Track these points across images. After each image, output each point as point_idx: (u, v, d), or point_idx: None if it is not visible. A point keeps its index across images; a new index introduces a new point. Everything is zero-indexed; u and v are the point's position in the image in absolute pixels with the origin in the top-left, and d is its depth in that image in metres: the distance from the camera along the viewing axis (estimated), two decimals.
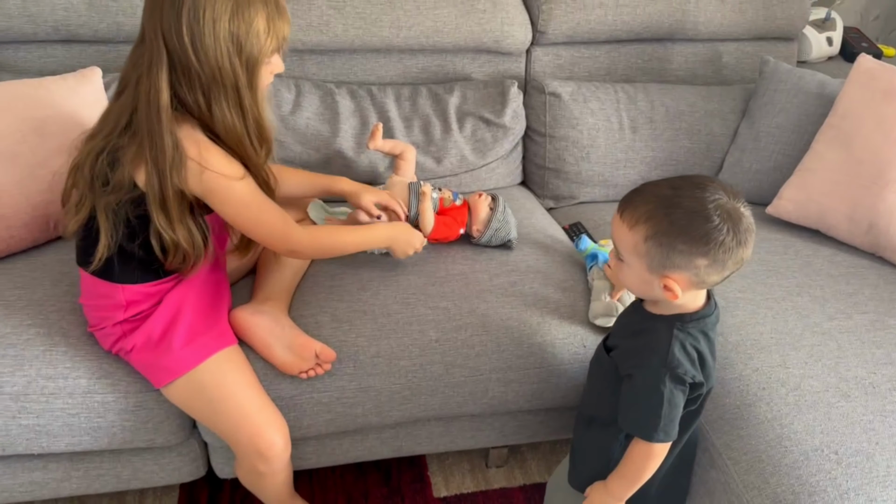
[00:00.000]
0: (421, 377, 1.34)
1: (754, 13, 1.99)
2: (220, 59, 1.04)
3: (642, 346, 1.07)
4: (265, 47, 1.08)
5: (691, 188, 1.01)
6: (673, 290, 1.03)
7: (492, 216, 1.50)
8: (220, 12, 1.03)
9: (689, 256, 1.00)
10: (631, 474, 1.09)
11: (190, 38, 1.02)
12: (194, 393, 1.20)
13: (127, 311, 1.19)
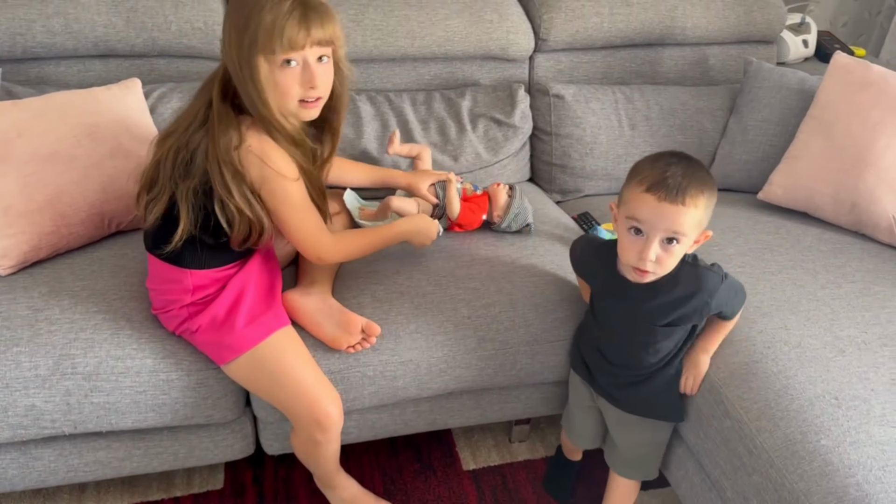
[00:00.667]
0: (456, 351, 1.46)
1: (736, 18, 2.16)
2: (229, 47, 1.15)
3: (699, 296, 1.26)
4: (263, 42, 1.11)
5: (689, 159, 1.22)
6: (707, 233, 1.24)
7: (510, 202, 1.64)
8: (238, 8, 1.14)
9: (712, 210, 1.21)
10: (726, 332, 1.39)
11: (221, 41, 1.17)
12: (256, 368, 1.31)
13: (194, 295, 1.30)
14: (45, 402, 1.29)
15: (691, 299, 1.28)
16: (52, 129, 1.48)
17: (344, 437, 1.54)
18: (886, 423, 1.24)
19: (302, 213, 1.27)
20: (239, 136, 1.18)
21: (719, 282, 1.28)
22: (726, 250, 1.67)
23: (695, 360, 1.37)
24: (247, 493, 1.63)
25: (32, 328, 1.31)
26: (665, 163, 1.19)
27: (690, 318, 1.30)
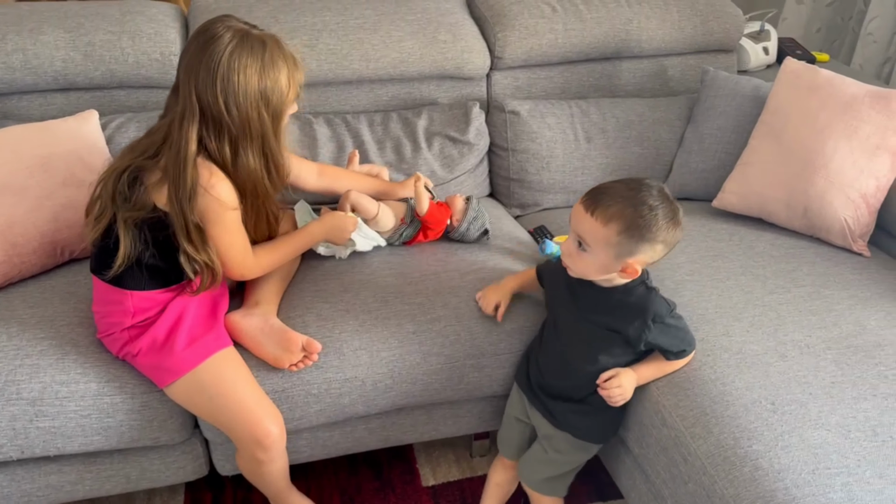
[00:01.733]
0: (401, 366, 1.47)
1: (692, 29, 2.18)
2: (250, 113, 1.23)
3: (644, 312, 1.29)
4: (288, 98, 1.29)
5: (644, 188, 1.26)
6: (633, 271, 1.26)
7: (468, 207, 1.68)
8: (250, 74, 1.22)
9: (652, 243, 1.24)
10: (666, 371, 1.38)
11: (224, 98, 1.21)
12: (195, 391, 1.33)
13: (135, 318, 1.33)
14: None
15: (635, 317, 1.30)
16: (4, 163, 1.52)
17: (296, 457, 1.56)
18: (821, 426, 1.23)
19: (232, 237, 1.32)
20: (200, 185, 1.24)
21: (665, 314, 1.30)
22: (676, 259, 1.67)
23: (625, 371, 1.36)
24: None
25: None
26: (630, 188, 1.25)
27: (628, 335, 1.31)
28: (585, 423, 1.41)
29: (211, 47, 1.20)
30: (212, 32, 1.21)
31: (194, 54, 1.21)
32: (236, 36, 1.22)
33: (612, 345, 1.34)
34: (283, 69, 1.26)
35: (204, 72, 1.20)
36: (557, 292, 1.42)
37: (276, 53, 1.25)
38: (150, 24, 1.88)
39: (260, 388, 1.37)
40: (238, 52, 1.21)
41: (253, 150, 1.27)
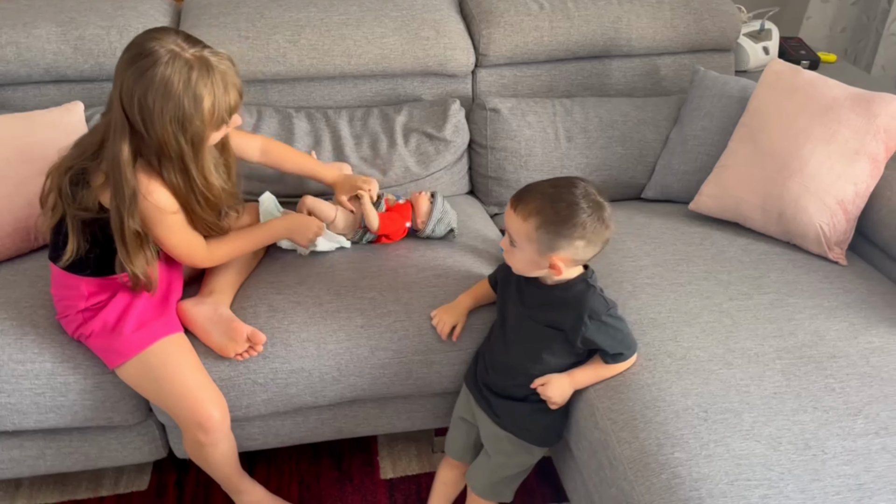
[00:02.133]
0: (348, 359, 1.49)
1: (686, 27, 2.13)
2: (166, 137, 1.21)
3: (581, 307, 1.28)
4: (211, 124, 1.24)
5: (568, 186, 1.25)
6: (558, 267, 1.25)
7: (432, 208, 1.68)
8: (167, 99, 1.18)
9: (571, 239, 1.23)
10: (603, 376, 1.36)
11: (141, 118, 1.19)
12: (142, 373, 1.38)
13: (88, 301, 1.38)
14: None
15: (571, 312, 1.30)
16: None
17: (249, 444, 1.60)
18: (751, 436, 1.20)
19: (177, 238, 1.36)
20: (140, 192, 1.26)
21: (602, 312, 1.29)
22: (640, 261, 1.65)
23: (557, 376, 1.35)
24: (167, 496, 1.69)
25: None
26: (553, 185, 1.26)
27: (565, 328, 1.31)
28: (528, 425, 1.41)
29: (136, 64, 1.17)
30: (140, 49, 1.19)
31: (122, 68, 1.19)
32: (163, 57, 1.17)
33: (554, 342, 1.33)
34: (208, 96, 1.21)
35: (126, 88, 1.18)
36: (507, 290, 1.42)
37: (201, 79, 1.20)
38: (140, 18, 1.94)
39: (205, 374, 1.41)
40: (159, 75, 1.17)
41: (174, 169, 1.26)
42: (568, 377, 1.35)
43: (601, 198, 1.26)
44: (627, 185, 2.01)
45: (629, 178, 2.00)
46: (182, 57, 1.19)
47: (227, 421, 1.42)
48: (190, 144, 1.24)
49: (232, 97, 1.25)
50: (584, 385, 1.37)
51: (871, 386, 1.31)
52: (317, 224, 1.55)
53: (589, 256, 1.28)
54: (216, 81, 1.22)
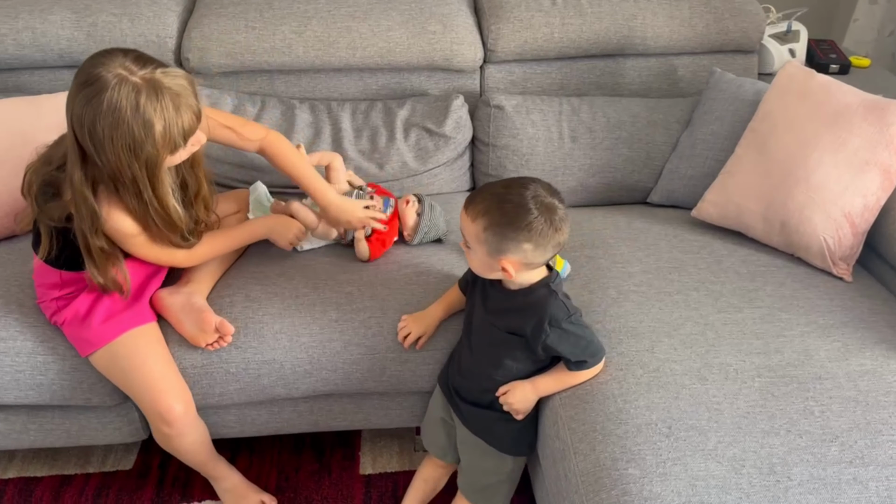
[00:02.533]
0: (320, 353, 1.49)
1: (705, 27, 2.05)
2: (118, 164, 1.18)
3: (541, 313, 1.25)
4: (164, 148, 1.20)
5: (518, 187, 1.21)
6: (508, 271, 1.20)
7: (419, 221, 1.65)
8: (116, 125, 1.14)
9: (518, 242, 1.19)
10: (568, 384, 1.31)
11: (93, 145, 1.17)
12: (111, 363, 1.41)
13: (61, 290, 1.41)
14: None
15: (532, 317, 1.27)
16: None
17: (226, 431, 1.61)
18: (713, 457, 1.15)
19: (147, 251, 1.37)
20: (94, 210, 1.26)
21: (562, 318, 1.25)
22: (630, 267, 1.59)
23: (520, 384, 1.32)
24: (150, 476, 1.72)
25: None
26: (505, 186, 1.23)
27: (526, 335, 1.27)
28: (496, 432, 1.38)
29: (83, 92, 1.15)
30: (88, 75, 1.16)
31: (72, 96, 1.17)
32: (110, 82, 1.14)
33: (515, 349, 1.30)
34: (158, 120, 1.16)
35: (76, 116, 1.16)
36: (474, 294, 1.39)
37: (150, 103, 1.15)
38: (152, 7, 1.97)
39: (171, 366, 1.42)
40: (107, 101, 1.13)
41: (129, 194, 1.25)
42: (531, 384, 1.32)
43: (554, 200, 1.22)
44: (633, 189, 1.95)
45: (634, 182, 1.94)
46: (129, 81, 1.14)
47: (189, 413, 1.43)
48: (144, 170, 1.21)
49: (186, 119, 1.19)
50: (547, 393, 1.33)
51: (854, 411, 1.23)
52: (298, 227, 1.53)
53: (540, 260, 1.24)
54: (166, 105, 1.16)
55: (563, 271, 1.57)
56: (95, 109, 1.14)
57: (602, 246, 1.68)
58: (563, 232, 1.22)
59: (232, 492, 1.59)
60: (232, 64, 1.95)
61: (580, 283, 1.57)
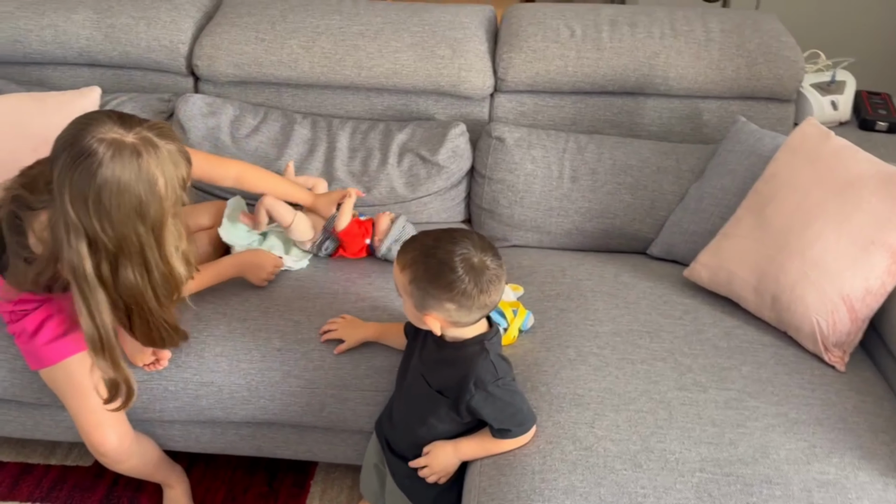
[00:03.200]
0: (259, 381, 1.46)
1: (735, 71, 1.90)
2: (126, 231, 1.14)
3: (467, 372, 1.18)
4: (168, 204, 1.17)
5: (447, 241, 1.15)
6: (430, 326, 1.13)
7: (391, 227, 1.62)
8: (121, 192, 1.12)
9: (440, 300, 1.13)
10: (491, 451, 1.24)
11: (97, 218, 1.12)
12: (52, 383, 1.43)
13: (15, 306, 1.41)
14: None
15: (459, 375, 1.20)
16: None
17: (172, 444, 1.61)
18: None
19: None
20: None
21: (489, 381, 1.18)
22: (600, 326, 1.49)
23: (441, 445, 1.25)
24: (105, 475, 1.74)
25: None
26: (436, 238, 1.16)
27: (452, 394, 1.20)
28: (418, 489, 1.31)
29: (81, 167, 1.10)
30: (80, 148, 1.11)
31: (65, 168, 1.11)
32: (108, 150, 1.11)
33: (440, 407, 1.23)
34: (160, 177, 1.14)
35: (77, 192, 1.11)
36: (415, 340, 1.32)
37: (150, 162, 1.13)
38: (171, 12, 2.00)
39: None
40: (109, 172, 1.10)
41: (133, 266, 1.19)
42: (453, 447, 1.24)
43: (486, 258, 1.14)
44: (632, 238, 1.83)
45: (634, 231, 1.82)
46: (126, 144, 1.12)
47: (124, 444, 1.43)
48: (150, 232, 1.18)
49: (183, 170, 1.18)
50: (470, 458, 1.25)
51: None
52: (272, 263, 1.51)
53: (466, 320, 1.16)
54: (164, 160, 1.15)
55: (525, 322, 1.48)
56: (100, 182, 1.10)
57: (578, 299, 1.58)
58: (490, 293, 1.14)
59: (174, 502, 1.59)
60: (239, 74, 1.95)
61: (540, 337, 1.47)
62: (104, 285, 1.19)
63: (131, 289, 1.21)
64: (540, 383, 1.35)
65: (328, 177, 1.85)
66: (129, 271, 1.19)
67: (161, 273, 1.23)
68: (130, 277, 1.19)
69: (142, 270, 1.20)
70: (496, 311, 1.45)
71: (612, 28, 1.95)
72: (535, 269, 1.71)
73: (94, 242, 1.15)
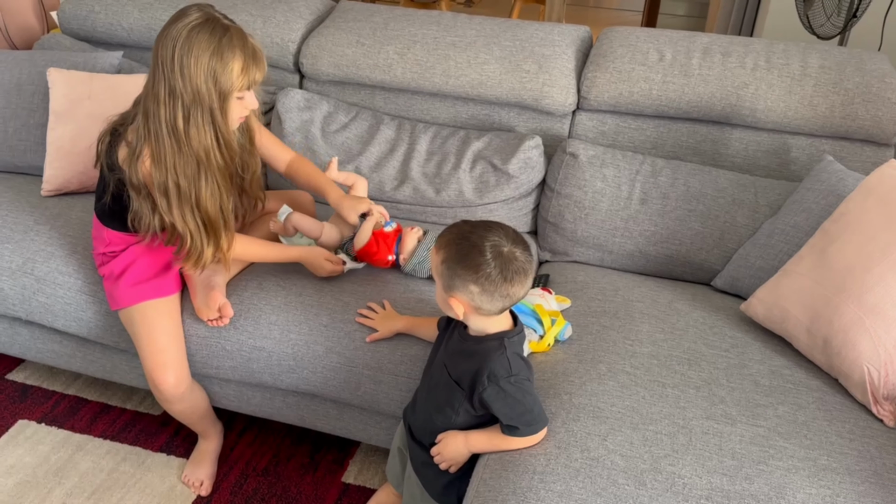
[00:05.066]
0: (304, 352, 1.56)
1: (828, 109, 1.83)
2: (199, 83, 1.35)
3: (482, 364, 1.22)
4: (236, 84, 1.39)
5: (482, 229, 1.21)
6: (456, 310, 1.19)
7: (417, 247, 1.63)
8: (203, 49, 1.34)
9: (465, 282, 1.18)
10: (499, 446, 1.26)
11: (179, 66, 1.34)
12: (127, 323, 1.59)
13: (106, 247, 1.60)
14: (10, 288, 1.72)
15: (475, 367, 1.24)
16: (111, 98, 1.92)
17: (226, 402, 1.74)
18: None
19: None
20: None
21: (502, 376, 1.21)
22: (639, 347, 1.48)
23: (452, 434, 1.29)
24: (170, 425, 1.90)
25: (24, 234, 1.76)
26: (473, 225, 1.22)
27: (467, 385, 1.25)
28: (430, 475, 1.36)
29: (179, 21, 1.35)
30: (184, 10, 1.36)
31: (166, 25, 1.37)
32: (202, 17, 1.35)
33: (455, 397, 1.27)
34: (239, 57, 1.36)
35: (167, 39, 1.34)
36: (444, 334, 1.38)
37: (234, 42, 1.36)
38: (287, 12, 2.18)
39: (176, 341, 1.57)
40: (198, 29, 1.34)
41: (202, 120, 1.38)
42: (464, 437, 1.28)
43: (516, 250, 1.18)
44: (698, 268, 1.80)
45: (700, 260, 1.79)
46: (219, 21, 1.37)
47: (180, 387, 1.57)
48: (218, 96, 1.38)
49: (259, 70, 1.41)
50: (479, 450, 1.28)
51: None
52: (328, 270, 1.61)
53: (488, 307, 1.20)
54: (248, 49, 1.39)
55: (562, 332, 1.50)
56: (188, 34, 1.33)
57: (624, 318, 1.58)
58: (515, 284, 1.18)
59: (196, 454, 1.75)
60: (338, 74, 2.09)
61: (575, 350, 1.48)
62: (177, 137, 1.38)
63: (201, 143, 1.40)
64: (563, 391, 1.36)
65: (402, 175, 1.95)
66: (200, 125, 1.39)
67: (223, 136, 1.42)
68: (202, 132, 1.39)
69: (210, 127, 1.40)
70: (534, 318, 1.48)
71: (703, 55, 1.93)
72: (589, 286, 1.72)
73: (173, 93, 1.36)
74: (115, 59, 2.12)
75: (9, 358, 2.08)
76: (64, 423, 1.90)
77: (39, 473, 1.76)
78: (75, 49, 2.22)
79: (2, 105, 2.01)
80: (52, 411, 1.93)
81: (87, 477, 1.75)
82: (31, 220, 1.80)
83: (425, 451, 1.35)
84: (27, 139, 1.99)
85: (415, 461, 1.39)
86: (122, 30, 2.22)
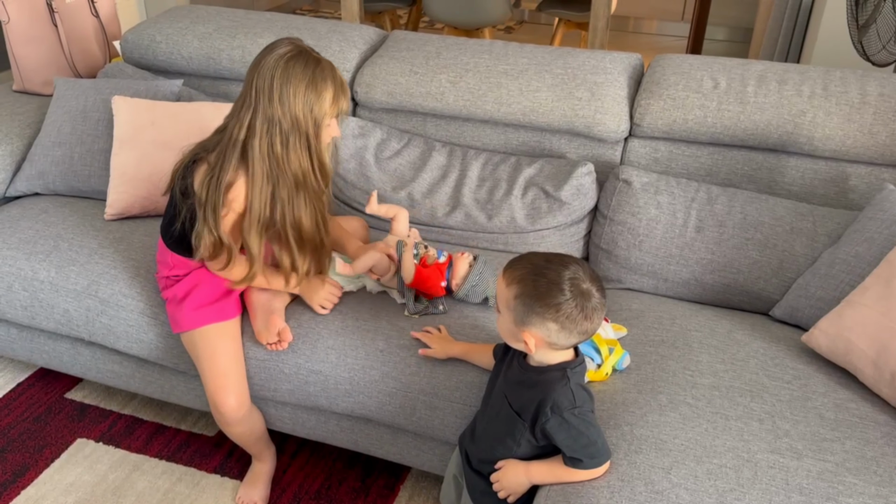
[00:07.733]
0: (361, 377, 1.57)
1: (888, 137, 1.80)
2: (297, 111, 1.44)
3: (545, 395, 1.22)
4: (328, 113, 1.48)
5: (558, 264, 1.20)
6: (528, 344, 1.20)
7: (469, 272, 1.63)
8: (300, 80, 1.43)
9: (543, 319, 1.18)
10: (561, 478, 1.25)
11: (278, 94, 1.42)
12: (190, 345, 1.62)
13: (171, 271, 1.64)
14: (75, 310, 1.76)
15: (538, 398, 1.24)
16: (172, 126, 1.98)
17: (280, 425, 1.76)
18: None
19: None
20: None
21: (565, 407, 1.21)
22: (700, 378, 1.46)
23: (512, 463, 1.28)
24: (223, 447, 1.92)
25: (89, 257, 1.81)
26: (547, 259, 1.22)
27: (529, 416, 1.25)
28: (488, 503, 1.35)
29: (272, 52, 1.43)
30: (275, 43, 1.45)
31: (260, 56, 1.44)
32: (295, 49, 1.44)
33: (516, 428, 1.27)
34: (331, 88, 1.45)
35: (263, 69, 1.41)
36: (502, 363, 1.38)
37: (326, 74, 1.45)
38: (342, 42, 2.23)
39: (237, 364, 1.59)
40: (294, 60, 1.42)
41: (300, 146, 1.46)
42: (524, 467, 1.27)
43: (592, 287, 1.18)
44: (756, 297, 1.77)
45: (758, 290, 1.76)
46: (311, 53, 1.46)
47: (241, 410, 1.59)
48: (313, 124, 1.46)
49: (345, 100, 1.51)
50: (540, 481, 1.27)
51: None
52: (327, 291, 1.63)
53: (564, 342, 1.20)
54: (336, 81, 1.48)
55: (620, 362, 1.49)
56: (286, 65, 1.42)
57: (683, 348, 1.56)
58: (593, 320, 1.18)
59: (251, 476, 1.77)
60: (391, 102, 2.12)
61: (634, 379, 1.47)
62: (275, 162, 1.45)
63: (301, 165, 1.48)
64: (624, 422, 1.35)
65: (454, 202, 1.96)
66: (298, 150, 1.46)
67: (318, 159, 1.50)
68: (300, 156, 1.47)
69: (306, 152, 1.48)
70: (591, 347, 1.48)
71: (758, 83, 1.92)
72: (644, 314, 1.70)
73: (271, 121, 1.43)
74: (175, 87, 2.18)
75: (67, 377, 2.13)
76: (121, 443, 1.93)
77: (98, 492, 1.79)
78: (137, 77, 2.29)
79: (68, 131, 2.08)
80: (109, 430, 1.97)
81: (144, 497, 1.78)
82: (95, 243, 1.85)
83: (484, 480, 1.34)
84: (91, 164, 2.05)
85: (472, 490, 1.38)
86: (182, 59, 2.28)
